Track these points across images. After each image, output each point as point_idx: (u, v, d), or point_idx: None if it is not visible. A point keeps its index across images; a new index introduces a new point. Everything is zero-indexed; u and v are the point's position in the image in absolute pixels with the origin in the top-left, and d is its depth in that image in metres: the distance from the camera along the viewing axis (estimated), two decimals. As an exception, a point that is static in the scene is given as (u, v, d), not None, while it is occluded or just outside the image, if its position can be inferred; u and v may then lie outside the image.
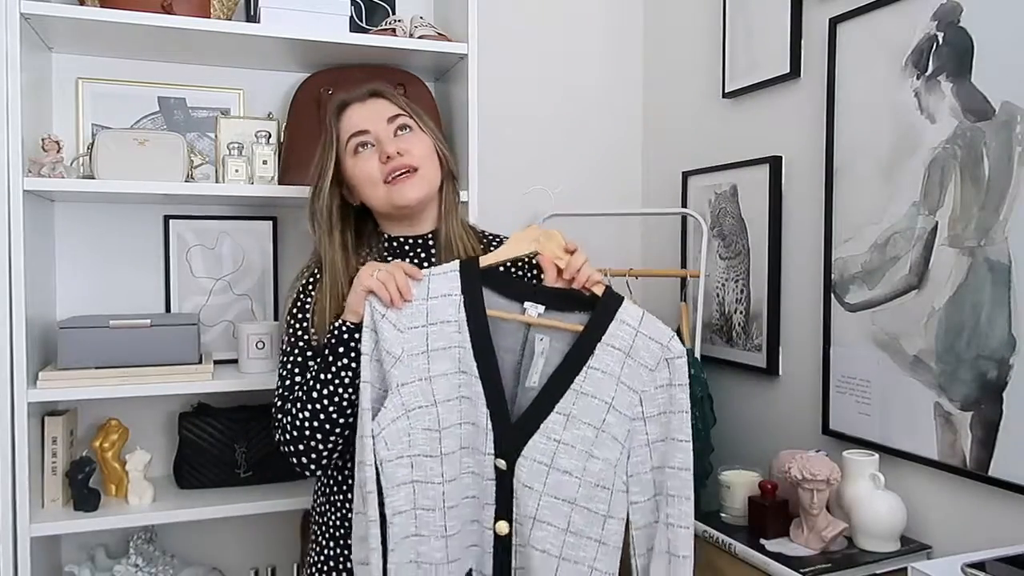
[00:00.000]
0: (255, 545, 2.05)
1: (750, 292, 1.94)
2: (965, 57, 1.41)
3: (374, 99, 1.39)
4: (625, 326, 1.19)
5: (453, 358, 1.17)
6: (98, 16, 1.65)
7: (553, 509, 1.14)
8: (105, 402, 1.86)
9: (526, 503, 1.14)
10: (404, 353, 1.16)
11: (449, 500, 1.15)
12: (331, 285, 1.33)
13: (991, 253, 1.37)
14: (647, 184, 2.42)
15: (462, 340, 1.18)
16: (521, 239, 1.26)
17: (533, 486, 1.14)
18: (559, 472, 1.14)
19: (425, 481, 1.14)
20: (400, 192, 1.34)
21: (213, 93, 2.01)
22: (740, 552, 1.54)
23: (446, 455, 1.14)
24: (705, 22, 2.14)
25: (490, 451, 1.16)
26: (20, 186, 1.59)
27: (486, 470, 1.16)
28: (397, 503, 1.13)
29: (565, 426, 1.16)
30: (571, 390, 1.17)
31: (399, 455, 1.13)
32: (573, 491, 1.14)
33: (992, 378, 1.37)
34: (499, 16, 2.22)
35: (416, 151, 1.35)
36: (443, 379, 1.16)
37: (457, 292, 1.20)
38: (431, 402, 1.15)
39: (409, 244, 1.42)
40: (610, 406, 1.16)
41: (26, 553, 1.61)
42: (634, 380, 1.18)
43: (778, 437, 1.87)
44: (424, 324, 1.18)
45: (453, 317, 1.19)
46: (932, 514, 1.50)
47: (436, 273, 1.21)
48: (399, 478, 1.13)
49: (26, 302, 1.60)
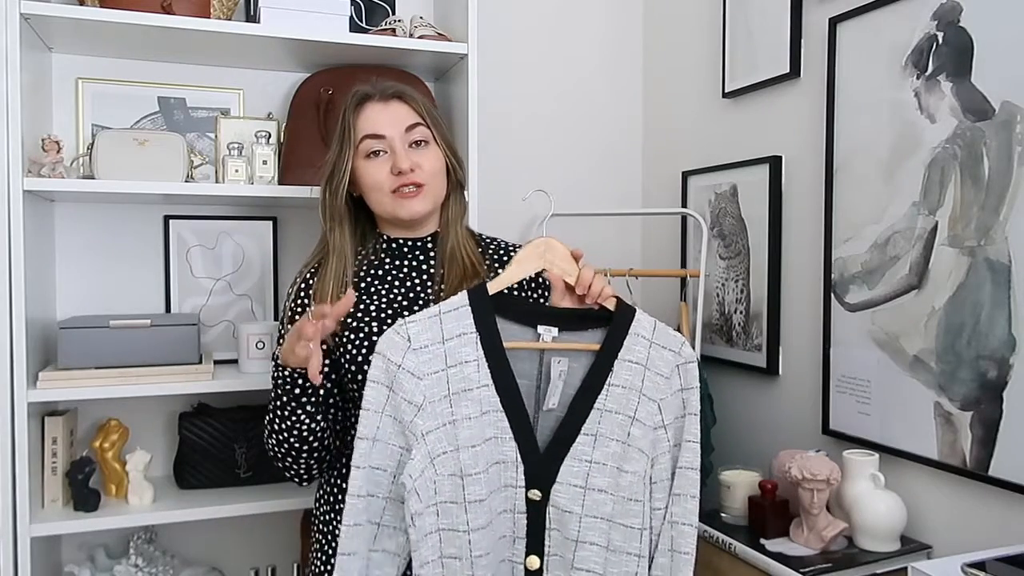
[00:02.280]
0: (255, 545, 2.05)
1: (750, 292, 1.94)
2: (965, 57, 1.41)
3: (396, 102, 1.36)
4: (640, 339, 1.18)
5: (476, 400, 1.14)
6: (98, 16, 1.65)
7: (594, 529, 1.13)
8: (105, 402, 1.87)
9: (568, 527, 1.13)
10: (426, 400, 1.13)
11: (476, 549, 1.11)
12: (335, 272, 1.34)
13: (991, 253, 1.37)
14: (647, 184, 2.42)
15: (483, 379, 1.15)
16: (526, 258, 1.23)
17: (572, 510, 1.13)
18: (595, 491, 1.13)
19: (451, 528, 1.11)
20: (405, 206, 1.33)
21: (213, 93, 2.01)
22: (740, 552, 1.54)
23: (471, 502, 1.11)
24: (705, 22, 2.14)
25: (521, 484, 1.14)
26: (20, 186, 1.59)
27: (518, 503, 1.14)
28: (424, 554, 1.11)
29: (594, 446, 1.14)
30: (595, 409, 1.15)
31: (427, 505, 1.11)
32: (609, 508, 1.13)
33: (992, 378, 1.37)
34: (499, 16, 2.22)
35: (427, 167, 1.34)
36: (467, 423, 1.13)
37: (471, 329, 1.17)
38: (455, 447, 1.12)
39: (408, 247, 1.41)
40: (633, 419, 1.15)
41: (26, 553, 1.61)
42: (652, 390, 1.17)
43: (778, 437, 1.87)
44: (444, 368, 1.15)
45: (471, 356, 1.16)
46: (932, 514, 1.50)
47: (447, 311, 1.17)
48: (426, 528, 1.11)
49: (26, 302, 1.60)
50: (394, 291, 1.36)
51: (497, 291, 1.20)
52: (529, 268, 1.23)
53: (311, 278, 1.37)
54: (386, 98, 1.36)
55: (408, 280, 1.38)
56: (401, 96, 1.36)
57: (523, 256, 1.23)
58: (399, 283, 1.37)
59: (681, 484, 1.16)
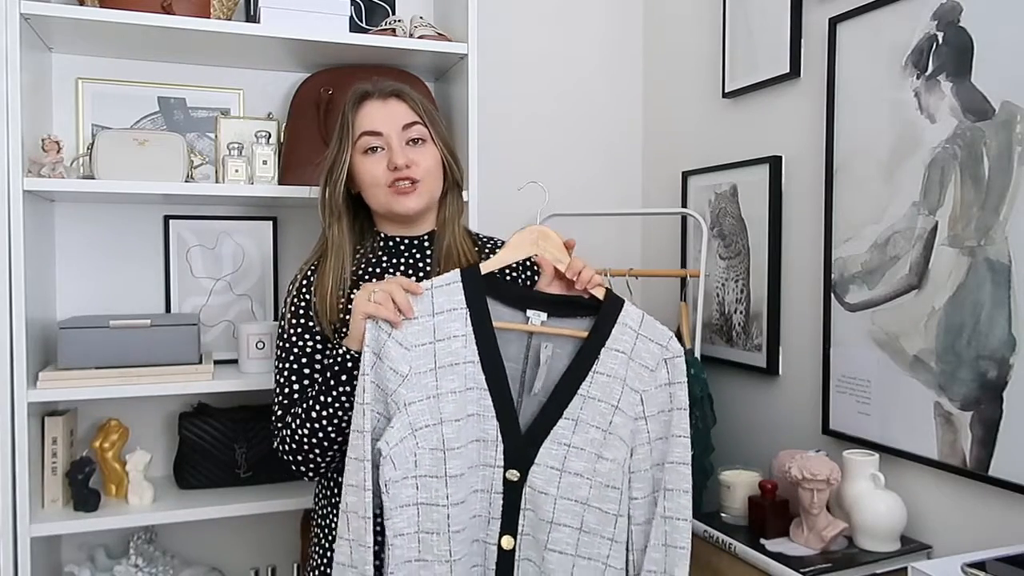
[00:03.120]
0: (255, 545, 2.05)
1: (750, 292, 1.94)
2: (965, 57, 1.41)
3: (395, 100, 1.38)
4: (627, 329, 1.20)
5: (461, 375, 1.16)
6: (98, 16, 1.65)
7: (568, 511, 1.14)
8: (105, 402, 1.87)
9: (542, 508, 1.14)
10: (411, 371, 1.14)
11: (455, 524, 1.12)
12: (335, 268, 1.35)
13: (991, 253, 1.37)
14: (647, 184, 2.42)
15: (470, 355, 1.16)
16: (520, 243, 1.25)
17: (548, 491, 1.14)
18: (570, 475, 1.15)
19: (430, 503, 1.12)
20: (400, 202, 1.35)
21: (213, 93, 2.01)
22: (740, 552, 1.54)
23: (451, 477, 1.12)
24: (705, 22, 2.14)
25: (500, 463, 1.15)
26: (20, 186, 1.59)
27: (495, 483, 1.15)
28: (399, 525, 1.11)
29: (574, 431, 1.16)
30: (578, 395, 1.17)
31: (404, 475, 1.12)
32: (585, 492, 1.15)
33: (992, 378, 1.36)
34: (499, 16, 2.22)
35: (423, 164, 1.36)
36: (451, 396, 1.14)
37: (462, 305, 1.18)
38: (438, 420, 1.13)
39: (404, 244, 1.42)
40: (616, 408, 1.17)
41: (26, 553, 1.61)
42: (635, 381, 1.18)
43: (778, 437, 1.87)
44: (432, 341, 1.16)
45: (460, 332, 1.17)
46: (932, 514, 1.50)
47: (439, 285, 1.19)
48: (403, 499, 1.12)
49: (26, 302, 1.60)
50: None
51: (489, 272, 1.22)
52: (522, 253, 1.26)
53: (311, 274, 1.38)
54: (385, 96, 1.38)
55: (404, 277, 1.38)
56: (399, 95, 1.39)
57: (516, 240, 1.25)
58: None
59: (673, 479, 1.17)
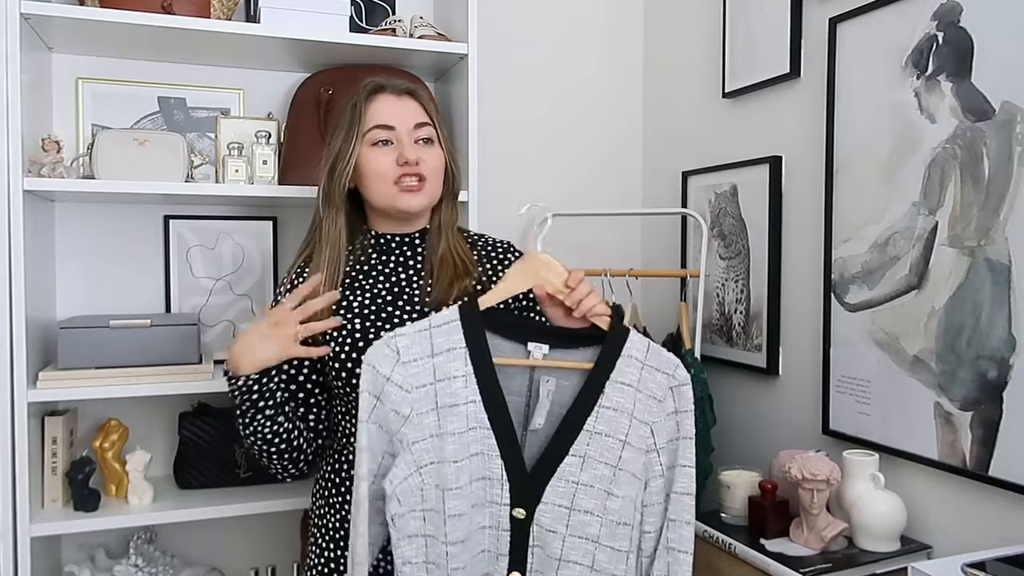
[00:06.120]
0: (255, 545, 2.05)
1: (750, 292, 1.94)
2: (965, 57, 1.41)
3: (408, 98, 1.39)
4: (633, 361, 1.17)
5: (463, 415, 1.14)
6: (98, 16, 1.65)
7: (578, 549, 1.13)
8: (105, 402, 1.87)
9: (551, 546, 1.13)
10: (413, 412, 1.13)
11: (453, 561, 1.11)
12: (328, 260, 1.35)
13: (991, 253, 1.37)
14: (647, 184, 2.42)
15: (471, 394, 1.15)
16: (520, 274, 1.22)
17: (556, 530, 1.13)
18: (580, 512, 1.13)
19: (433, 536, 1.12)
20: (404, 199, 1.36)
21: (213, 93, 2.01)
22: (740, 552, 1.54)
23: (450, 516, 1.11)
24: (705, 22, 2.14)
25: (506, 502, 1.14)
26: (20, 186, 1.59)
27: (501, 521, 1.14)
28: (407, 553, 1.12)
29: (582, 467, 1.13)
30: (584, 431, 1.14)
31: (411, 509, 1.12)
32: (595, 530, 1.13)
33: (992, 378, 1.36)
34: (499, 16, 2.22)
35: (431, 163, 1.37)
36: (452, 438, 1.13)
37: (461, 344, 1.16)
38: (440, 460, 1.12)
39: (395, 243, 1.43)
40: (625, 443, 1.14)
41: (26, 553, 1.61)
42: (644, 413, 1.15)
43: (778, 437, 1.87)
44: (432, 382, 1.15)
45: (460, 371, 1.15)
46: (932, 514, 1.50)
47: (437, 325, 1.17)
48: (411, 530, 1.12)
49: (26, 302, 1.60)
50: (378, 286, 1.38)
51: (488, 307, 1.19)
52: (521, 285, 1.23)
53: (302, 270, 1.39)
54: (399, 93, 1.39)
55: (394, 275, 1.39)
56: (413, 94, 1.40)
57: (516, 271, 1.22)
58: (384, 279, 1.39)
59: (676, 510, 1.15)
